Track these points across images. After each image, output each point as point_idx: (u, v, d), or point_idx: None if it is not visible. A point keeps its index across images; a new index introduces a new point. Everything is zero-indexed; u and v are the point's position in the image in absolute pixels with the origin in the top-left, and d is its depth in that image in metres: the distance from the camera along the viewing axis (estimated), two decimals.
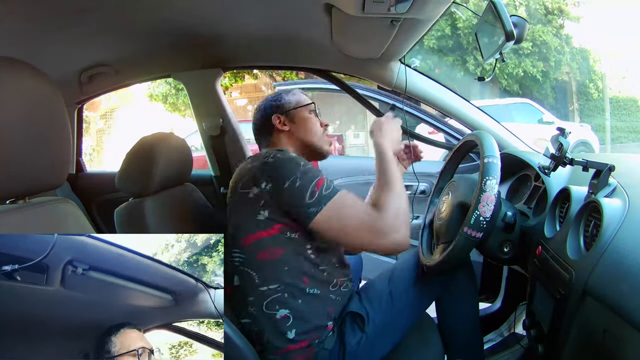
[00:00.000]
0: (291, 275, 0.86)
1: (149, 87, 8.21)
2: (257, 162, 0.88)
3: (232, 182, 0.93)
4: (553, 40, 8.75)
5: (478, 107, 1.44)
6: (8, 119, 0.57)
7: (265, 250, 0.86)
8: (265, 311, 0.86)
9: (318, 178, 0.85)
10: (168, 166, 1.09)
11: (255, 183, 0.86)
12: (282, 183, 0.84)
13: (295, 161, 0.87)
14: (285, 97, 1.06)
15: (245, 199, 0.87)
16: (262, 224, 0.86)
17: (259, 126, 1.07)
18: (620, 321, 0.58)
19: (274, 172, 0.85)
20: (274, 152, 0.89)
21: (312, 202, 0.82)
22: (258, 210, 0.86)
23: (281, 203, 0.84)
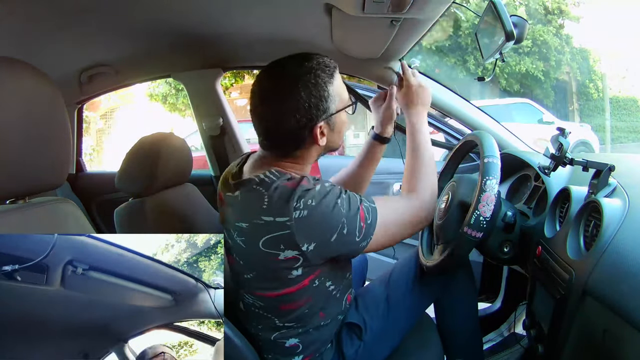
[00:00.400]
0: (310, 316, 0.82)
1: (149, 87, 8.20)
2: (285, 215, 0.69)
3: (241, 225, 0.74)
4: (553, 40, 8.75)
5: (478, 107, 1.44)
6: (8, 119, 0.57)
7: (289, 303, 0.79)
8: (274, 340, 0.83)
9: (359, 210, 0.74)
10: (168, 166, 1.09)
11: (290, 246, 0.71)
12: (329, 238, 0.72)
13: (335, 202, 0.71)
14: (329, 91, 0.75)
15: (271, 261, 0.73)
16: (290, 282, 0.76)
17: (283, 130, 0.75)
18: (620, 321, 0.58)
19: (316, 230, 0.71)
20: (302, 197, 0.70)
21: (362, 237, 0.75)
22: (289, 272, 0.74)
23: (327, 255, 0.75)
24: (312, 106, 0.73)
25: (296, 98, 0.73)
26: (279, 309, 0.80)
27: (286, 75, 0.74)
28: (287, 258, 0.72)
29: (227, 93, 8.53)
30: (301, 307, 0.80)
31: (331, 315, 0.85)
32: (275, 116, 0.74)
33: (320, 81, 0.74)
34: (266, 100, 0.75)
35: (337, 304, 0.87)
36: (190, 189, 1.23)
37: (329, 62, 0.77)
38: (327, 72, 0.76)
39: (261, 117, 0.76)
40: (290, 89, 0.73)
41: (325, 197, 0.71)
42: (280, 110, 0.73)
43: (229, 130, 1.64)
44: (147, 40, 1.26)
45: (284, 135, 0.76)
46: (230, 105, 1.69)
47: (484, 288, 1.53)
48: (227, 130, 1.63)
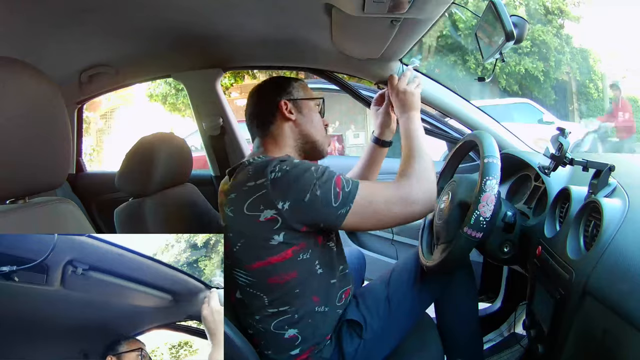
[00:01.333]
0: (302, 297, 0.84)
1: (149, 87, 8.20)
2: (262, 177, 0.78)
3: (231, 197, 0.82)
4: (553, 40, 8.75)
5: (478, 107, 1.44)
6: (8, 119, 0.57)
7: (275, 275, 0.82)
8: (273, 330, 0.84)
9: (335, 177, 0.80)
10: (168, 166, 1.09)
11: (267, 205, 0.77)
12: (302, 198, 0.76)
13: (307, 168, 0.79)
14: (293, 83, 0.96)
15: (253, 223, 0.79)
16: (274, 250, 0.80)
17: (258, 111, 0.94)
18: (620, 321, 0.58)
19: (289, 188, 0.77)
20: (277, 164, 0.79)
21: (339, 204, 0.78)
22: (271, 236, 0.79)
23: (304, 218, 0.78)
24: (275, 88, 0.95)
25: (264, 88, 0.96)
26: (267, 283, 0.82)
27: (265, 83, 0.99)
28: (267, 219, 0.77)
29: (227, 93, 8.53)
30: (288, 283, 0.82)
31: (326, 303, 0.86)
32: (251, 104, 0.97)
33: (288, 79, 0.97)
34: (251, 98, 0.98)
35: (332, 293, 0.88)
36: (190, 189, 1.23)
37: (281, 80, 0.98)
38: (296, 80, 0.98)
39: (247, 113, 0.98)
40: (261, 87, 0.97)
41: (300, 164, 0.80)
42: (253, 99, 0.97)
43: (229, 130, 1.64)
44: (147, 40, 1.26)
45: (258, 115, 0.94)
46: (230, 105, 1.69)
47: (484, 288, 1.53)
48: (227, 130, 1.63)
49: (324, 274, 0.86)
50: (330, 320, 0.88)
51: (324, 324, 0.87)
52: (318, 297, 0.85)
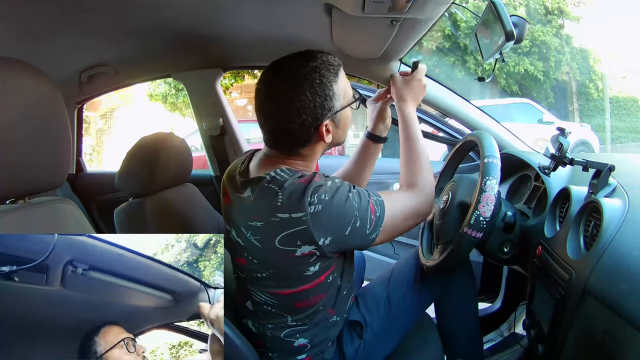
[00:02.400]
0: (322, 313, 0.82)
1: (149, 87, 8.21)
2: (300, 211, 0.69)
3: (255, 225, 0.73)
4: (553, 40, 8.75)
5: (478, 107, 1.44)
6: (8, 119, 0.57)
7: (304, 300, 0.79)
8: (283, 338, 0.82)
9: (369, 203, 0.75)
10: (168, 166, 1.09)
11: (306, 241, 0.71)
12: (343, 232, 0.72)
13: (347, 195, 0.73)
14: (334, 89, 0.76)
15: (288, 257, 0.73)
16: (307, 279, 0.76)
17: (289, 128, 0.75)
18: (620, 321, 0.58)
19: (331, 224, 0.71)
20: (315, 192, 0.70)
21: (372, 229, 0.76)
22: (307, 268, 0.74)
23: (341, 248, 0.76)
24: (317, 106, 0.74)
25: (302, 98, 0.73)
26: (293, 307, 0.79)
27: (291, 75, 0.74)
28: (304, 254, 0.72)
29: (227, 93, 8.53)
30: (315, 304, 0.80)
31: (340, 313, 0.86)
32: (281, 116, 0.75)
33: (325, 80, 0.75)
34: (272, 100, 0.76)
35: (345, 302, 0.87)
36: (190, 189, 1.23)
37: (333, 61, 0.77)
38: (332, 71, 0.76)
39: (267, 116, 0.77)
40: (296, 89, 0.73)
41: (338, 191, 0.72)
42: (286, 111, 0.74)
43: (229, 130, 1.64)
44: (147, 40, 1.26)
45: (290, 135, 0.76)
46: (230, 105, 1.69)
47: (484, 288, 1.53)
48: (227, 130, 1.63)
49: (341, 286, 0.85)
50: (339, 327, 0.88)
51: (334, 331, 0.86)
52: (334, 310, 0.84)
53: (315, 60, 0.75)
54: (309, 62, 0.75)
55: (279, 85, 0.75)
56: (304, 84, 0.73)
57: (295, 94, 0.73)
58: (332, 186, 0.73)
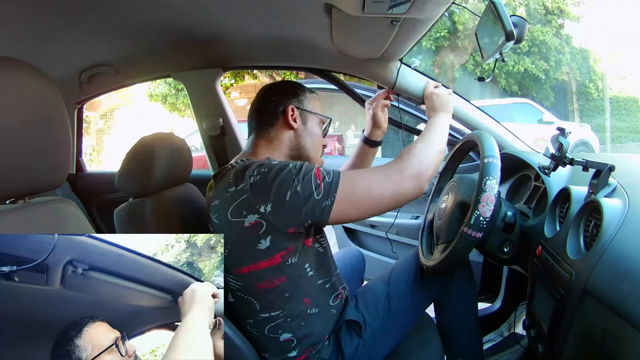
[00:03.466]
0: (293, 301, 0.82)
1: (149, 87, 8.21)
2: (242, 182, 0.76)
3: (215, 204, 0.80)
4: (553, 40, 8.75)
5: (478, 107, 1.44)
6: (8, 119, 0.57)
7: (264, 280, 0.80)
8: (268, 334, 0.83)
9: (314, 169, 0.76)
10: (168, 166, 1.09)
11: (250, 210, 0.75)
12: (283, 197, 0.74)
13: (285, 166, 0.77)
14: (307, 93, 0.96)
15: (239, 229, 0.76)
16: (262, 255, 0.78)
17: (263, 108, 0.93)
18: (620, 321, 0.58)
19: (269, 190, 0.74)
20: (256, 167, 0.77)
21: (322, 196, 0.74)
22: (257, 240, 0.76)
23: (288, 219, 0.75)
24: (288, 91, 0.94)
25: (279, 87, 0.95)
26: (257, 288, 0.80)
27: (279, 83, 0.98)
28: (251, 224, 0.75)
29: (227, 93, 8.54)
30: (278, 287, 0.80)
31: (318, 304, 0.86)
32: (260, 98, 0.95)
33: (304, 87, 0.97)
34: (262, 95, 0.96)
35: (323, 295, 0.87)
36: (190, 189, 1.23)
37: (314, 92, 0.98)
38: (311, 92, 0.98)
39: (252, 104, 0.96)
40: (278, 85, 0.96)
41: (278, 164, 0.78)
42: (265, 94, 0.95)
43: (229, 130, 1.64)
44: (147, 40, 1.26)
45: (262, 110, 0.93)
46: (230, 105, 1.69)
47: (484, 288, 1.53)
48: (227, 130, 1.63)
49: (314, 276, 0.85)
50: (325, 321, 0.88)
51: (318, 325, 0.86)
52: (309, 299, 0.84)
53: None
54: None
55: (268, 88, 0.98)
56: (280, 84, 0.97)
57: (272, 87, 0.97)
58: (275, 162, 0.79)
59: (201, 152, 1.83)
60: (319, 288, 0.86)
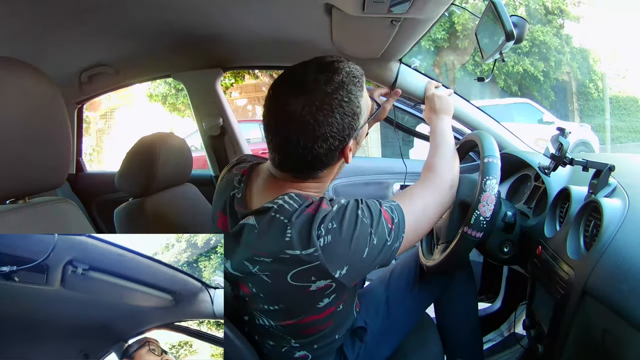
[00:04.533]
0: (328, 335, 0.79)
1: (149, 87, 8.20)
2: (310, 247, 0.62)
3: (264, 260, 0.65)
4: (553, 40, 8.75)
5: (478, 107, 1.44)
6: (8, 119, 0.57)
7: (311, 328, 0.74)
8: (283, 352, 0.79)
9: (381, 213, 0.67)
10: (168, 166, 1.09)
11: (321, 276, 0.64)
12: (360, 257, 0.65)
13: (356, 214, 0.65)
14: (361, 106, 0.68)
15: (302, 292, 0.66)
16: (319, 311, 0.70)
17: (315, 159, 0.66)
18: (620, 321, 0.58)
19: (345, 253, 0.63)
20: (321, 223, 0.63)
21: (393, 238, 0.68)
22: (321, 300, 0.68)
23: (361, 275, 0.70)
24: (345, 127, 0.66)
25: (330, 121, 0.64)
26: (300, 333, 0.75)
27: (316, 95, 0.63)
28: (319, 288, 0.65)
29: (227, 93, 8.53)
30: (322, 331, 0.76)
31: (344, 329, 0.83)
32: (306, 142, 0.64)
33: (352, 97, 0.66)
34: (294, 124, 0.64)
35: (350, 317, 0.85)
36: (190, 189, 1.23)
37: (356, 72, 0.69)
38: (358, 85, 0.68)
39: (286, 140, 0.65)
40: (324, 112, 0.63)
41: (345, 215, 0.65)
42: (313, 136, 0.64)
43: (229, 130, 1.64)
44: (147, 40, 1.26)
45: (313, 160, 0.66)
46: (230, 105, 1.69)
47: (484, 288, 1.53)
48: (227, 130, 1.64)
49: (350, 308, 0.81)
50: (342, 340, 0.85)
51: (336, 345, 0.84)
52: (339, 330, 0.81)
53: (340, 73, 0.66)
54: (334, 76, 0.65)
55: (302, 107, 0.63)
56: (332, 104, 0.64)
57: (323, 117, 0.63)
58: (338, 210, 0.65)
59: (201, 152, 1.83)
60: (350, 316, 0.84)
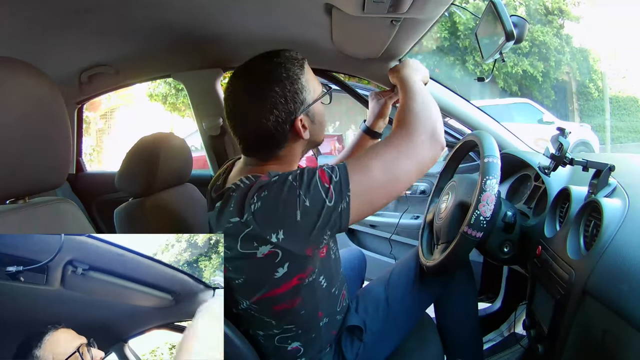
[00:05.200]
0: (308, 316, 0.80)
1: (149, 87, 8.21)
2: (245, 212, 0.66)
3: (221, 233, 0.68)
4: (553, 40, 8.75)
5: (478, 107, 1.44)
6: (8, 119, 0.57)
7: (281, 303, 0.76)
8: (276, 344, 0.81)
9: (315, 174, 0.67)
10: (168, 166, 1.09)
11: (260, 241, 0.66)
12: (293, 219, 0.65)
13: (285, 180, 0.67)
14: (302, 82, 0.74)
15: (252, 260, 0.69)
16: (278, 282, 0.71)
17: (268, 134, 0.73)
18: (620, 321, 0.58)
19: (274, 216, 0.65)
20: (255, 192, 0.67)
21: (335, 200, 0.65)
22: (274, 269, 0.70)
23: (304, 239, 0.67)
24: (288, 100, 0.72)
25: (271, 94, 0.71)
26: (273, 310, 0.77)
27: (257, 73, 0.73)
28: (265, 254, 0.67)
29: None
30: (295, 307, 0.77)
31: (329, 313, 0.84)
32: (254, 116, 0.72)
33: (291, 74, 0.73)
34: (242, 102, 0.73)
35: (333, 301, 0.85)
36: (190, 189, 1.23)
37: (296, 55, 0.76)
38: (297, 64, 0.74)
39: (239, 119, 0.74)
40: (264, 86, 0.71)
41: (277, 182, 0.67)
42: (258, 110, 0.71)
43: (229, 130, 1.64)
44: (147, 40, 1.26)
45: (266, 135, 0.73)
46: None
47: (484, 288, 1.53)
48: (227, 130, 1.63)
49: (327, 286, 0.81)
50: (332, 329, 0.87)
51: (326, 334, 0.85)
52: (322, 312, 0.82)
53: (279, 56, 0.75)
54: (273, 58, 0.74)
55: (246, 86, 0.73)
56: (271, 79, 0.72)
57: (265, 90, 0.71)
58: (274, 180, 0.67)
59: (201, 152, 1.83)
60: (330, 296, 0.84)
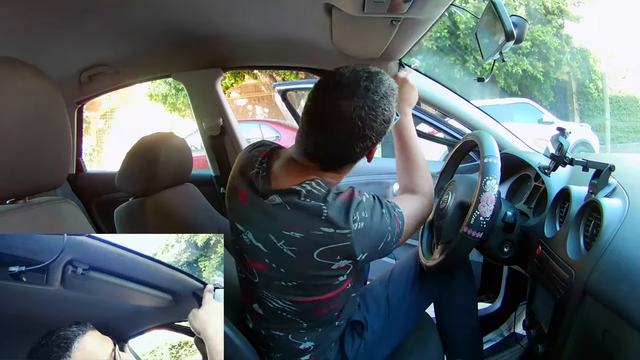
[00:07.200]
0: (330, 317, 0.82)
1: (149, 87, 8.20)
2: (345, 228, 0.69)
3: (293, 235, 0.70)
4: (553, 40, 8.74)
5: (478, 107, 1.44)
6: (8, 119, 0.57)
7: (324, 307, 0.79)
8: (291, 339, 0.82)
9: (395, 218, 0.76)
10: (168, 166, 1.09)
11: (346, 256, 0.72)
12: (377, 247, 0.75)
13: (381, 211, 0.74)
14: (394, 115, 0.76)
15: (324, 270, 0.72)
16: (333, 288, 0.76)
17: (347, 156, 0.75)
18: (620, 321, 0.58)
19: (370, 240, 0.73)
20: (356, 210, 0.71)
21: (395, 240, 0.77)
22: (337, 277, 0.75)
23: (371, 260, 0.77)
24: (381, 132, 0.74)
25: (372, 126, 0.71)
26: (313, 313, 0.79)
27: (366, 100, 0.70)
28: (340, 267, 0.73)
29: (227, 93, 8.53)
30: (332, 311, 0.80)
31: (345, 316, 0.86)
32: (351, 141, 0.72)
33: (391, 107, 0.74)
34: (342, 123, 0.70)
35: (353, 305, 0.88)
36: (190, 189, 1.23)
37: (394, 85, 0.76)
38: (394, 97, 0.75)
39: (331, 137, 0.72)
40: (370, 117, 0.70)
41: (374, 209, 0.74)
42: (357, 137, 0.71)
43: (229, 130, 1.64)
44: (147, 40, 1.26)
45: (347, 157, 0.75)
46: (230, 105, 1.70)
47: (484, 288, 1.53)
48: (227, 130, 1.64)
49: (354, 289, 0.84)
50: (342, 328, 0.88)
51: (336, 333, 0.86)
52: (342, 314, 0.84)
53: (384, 84, 0.73)
54: (380, 86, 0.72)
55: (352, 110, 0.70)
56: (377, 111, 0.71)
57: (369, 121, 0.71)
58: (367, 202, 0.73)
59: (201, 152, 1.83)
60: (353, 300, 0.86)
